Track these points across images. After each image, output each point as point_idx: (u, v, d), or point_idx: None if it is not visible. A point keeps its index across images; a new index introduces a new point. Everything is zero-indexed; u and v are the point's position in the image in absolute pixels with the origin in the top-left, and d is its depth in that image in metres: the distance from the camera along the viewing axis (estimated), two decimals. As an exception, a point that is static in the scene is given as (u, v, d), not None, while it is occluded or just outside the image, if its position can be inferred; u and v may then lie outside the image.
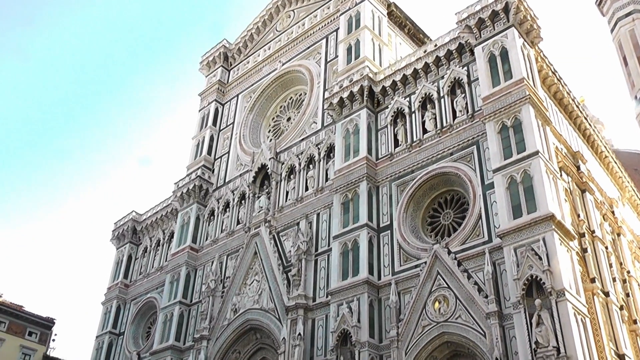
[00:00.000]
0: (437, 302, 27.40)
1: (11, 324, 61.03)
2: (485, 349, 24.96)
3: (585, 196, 31.86)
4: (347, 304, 29.87)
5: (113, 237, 53.10)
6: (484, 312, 25.49)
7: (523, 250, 24.64)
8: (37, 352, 62.24)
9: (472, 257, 27.55)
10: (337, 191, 34.12)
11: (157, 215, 50.22)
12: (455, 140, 31.43)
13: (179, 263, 43.09)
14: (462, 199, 30.78)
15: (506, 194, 26.60)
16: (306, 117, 41.87)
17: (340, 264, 31.64)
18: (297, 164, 39.67)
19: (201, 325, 38.17)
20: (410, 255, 30.15)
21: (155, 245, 49.55)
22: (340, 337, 29.40)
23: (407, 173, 32.65)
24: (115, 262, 51.96)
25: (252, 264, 37.80)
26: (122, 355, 46.36)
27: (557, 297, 23.20)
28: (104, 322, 49.21)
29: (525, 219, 25.33)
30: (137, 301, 48.00)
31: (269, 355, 35.73)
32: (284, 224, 37.91)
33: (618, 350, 28.06)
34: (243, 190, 42.69)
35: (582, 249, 28.70)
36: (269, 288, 35.74)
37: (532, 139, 27.13)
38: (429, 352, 27.05)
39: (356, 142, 35.07)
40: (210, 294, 38.93)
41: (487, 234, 27.72)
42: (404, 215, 31.53)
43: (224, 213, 43.59)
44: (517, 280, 24.15)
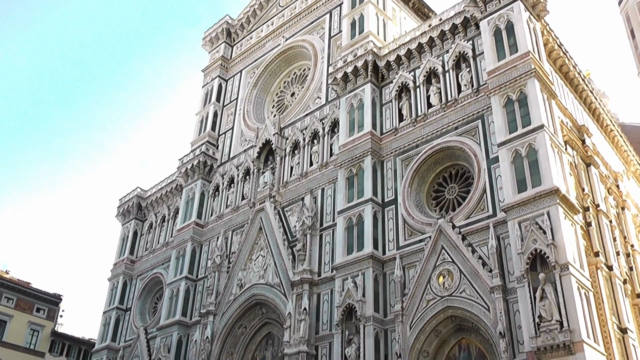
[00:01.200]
0: (441, 276, 27.53)
1: (19, 301, 61.75)
2: (489, 323, 25.14)
3: (590, 170, 31.83)
4: (352, 279, 30.07)
5: (118, 214, 53.36)
6: (488, 286, 25.63)
7: (527, 224, 24.66)
8: (45, 328, 63.09)
9: (477, 231, 27.63)
10: (341, 166, 34.15)
11: (161, 192, 50.38)
12: (460, 114, 31.34)
13: (184, 239, 43.36)
14: (466, 173, 30.79)
15: (511, 168, 26.56)
16: (310, 93, 41.75)
17: (345, 238, 31.79)
18: (301, 139, 39.66)
19: (207, 300, 38.50)
20: (414, 230, 30.27)
21: (160, 221, 49.79)
22: (346, 311, 29.64)
23: (412, 148, 32.63)
24: (120, 239, 52.26)
25: (257, 239, 38.01)
26: (129, 330, 46.88)
27: (561, 271, 23.27)
28: (110, 298, 49.64)
29: (530, 193, 25.32)
30: (143, 277, 48.38)
31: (275, 330, 36.12)
32: (289, 199, 38.05)
33: (620, 324, 28.26)
34: (247, 165, 42.77)
35: (586, 222, 28.72)
36: (274, 263, 35.98)
37: (537, 113, 27.02)
38: (434, 326, 27.28)
39: (360, 117, 35.01)
40: (216, 270, 39.22)
41: (492, 208, 27.78)
42: (409, 189, 31.57)
43: (228, 189, 43.72)
44: (521, 254, 24.23)
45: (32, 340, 61.90)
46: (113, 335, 47.46)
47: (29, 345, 61.47)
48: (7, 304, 60.89)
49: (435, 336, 27.46)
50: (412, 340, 27.20)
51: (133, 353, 43.30)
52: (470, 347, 27.25)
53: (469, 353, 27.23)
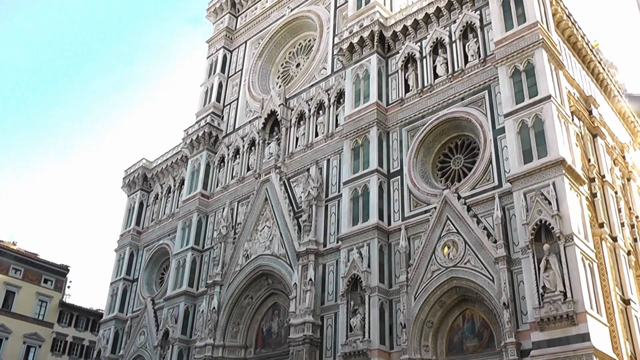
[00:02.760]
0: (446, 247, 27.60)
1: (27, 272, 62.30)
2: (493, 293, 25.26)
3: (596, 141, 31.65)
4: (357, 249, 30.22)
5: (124, 185, 53.53)
6: (492, 257, 25.70)
7: (533, 195, 24.61)
8: (53, 298, 63.75)
9: (482, 202, 27.64)
10: (347, 137, 34.08)
11: (167, 163, 50.44)
12: (466, 85, 31.13)
13: (190, 210, 43.54)
14: (472, 144, 30.70)
15: (517, 138, 26.43)
16: (315, 63, 41.51)
17: (351, 209, 31.87)
18: (306, 110, 39.54)
19: (213, 271, 38.79)
20: (420, 201, 30.30)
21: (166, 192, 49.94)
22: (351, 282, 29.82)
23: (418, 118, 32.51)
24: (127, 209, 52.51)
25: (262, 210, 38.12)
26: (136, 301, 47.35)
27: (566, 241, 23.27)
28: (117, 268, 50.06)
29: (536, 163, 25.23)
30: (149, 248, 48.71)
31: (281, 301, 36.43)
32: (294, 170, 38.08)
33: (624, 295, 28.31)
34: (253, 136, 42.73)
35: (591, 193, 28.65)
36: (280, 234, 36.14)
37: (544, 83, 26.78)
38: (438, 297, 27.43)
39: (366, 87, 34.82)
40: (222, 240, 39.42)
41: (497, 179, 27.75)
42: (414, 160, 31.53)
43: (234, 160, 43.75)
44: (526, 225, 24.23)
45: (40, 311, 62.61)
46: (120, 306, 47.96)
47: (37, 316, 62.20)
48: (15, 275, 61.45)
49: (440, 307, 27.62)
50: (416, 310, 27.38)
51: (141, 323, 43.85)
52: (474, 318, 27.42)
53: (472, 323, 27.40)
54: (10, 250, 62.15)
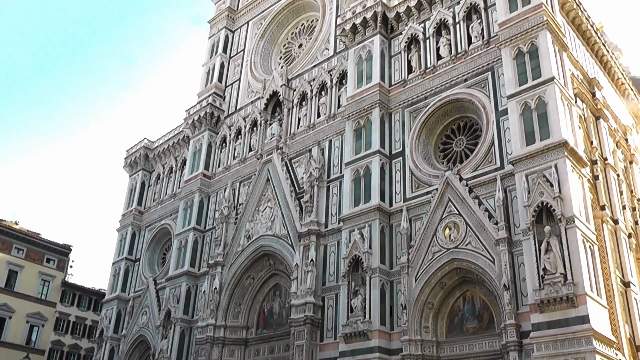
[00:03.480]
0: (447, 228, 27.63)
1: (29, 251, 62.58)
2: (494, 275, 25.33)
3: (599, 123, 31.54)
4: (359, 230, 30.27)
5: (126, 165, 53.51)
6: (493, 239, 25.74)
7: (534, 177, 24.56)
8: (56, 278, 64.12)
9: (484, 183, 27.62)
10: (349, 118, 33.99)
11: (168, 143, 50.38)
12: (469, 66, 30.97)
13: (192, 190, 43.60)
14: (475, 126, 30.60)
15: (520, 120, 26.32)
16: (318, 44, 41.30)
17: (352, 190, 31.88)
18: (309, 90, 39.40)
19: (215, 251, 38.89)
20: (421, 182, 30.30)
21: (167, 173, 49.96)
22: (352, 263, 29.90)
23: (420, 100, 32.39)
24: (128, 189, 52.54)
25: (264, 191, 38.13)
26: (138, 281, 47.57)
27: (567, 224, 23.26)
28: (119, 248, 50.21)
29: (538, 145, 25.15)
30: (151, 228, 48.83)
31: (282, 281, 36.57)
32: (296, 150, 38.05)
33: (624, 278, 28.39)
34: (255, 117, 42.64)
35: (593, 176, 28.58)
36: (282, 214, 36.19)
37: (548, 65, 26.60)
38: (439, 278, 27.52)
39: (369, 68, 34.64)
40: (223, 221, 39.49)
41: (499, 161, 27.71)
42: (416, 142, 31.47)
43: (235, 140, 43.71)
44: (527, 207, 24.21)
45: (43, 291, 63.01)
46: (123, 285, 48.15)
47: (40, 295, 62.61)
48: (18, 255, 61.75)
49: (440, 288, 27.72)
50: (417, 292, 27.47)
51: (143, 303, 44.08)
52: (474, 299, 27.52)
53: (473, 305, 27.51)
54: (12, 230, 62.35)
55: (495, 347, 25.28)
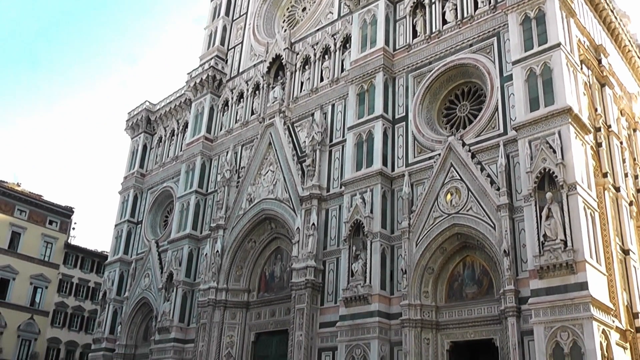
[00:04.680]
0: (449, 194, 27.63)
1: (31, 213, 62.79)
2: (494, 241, 25.41)
3: (604, 90, 31.25)
4: (361, 195, 30.30)
5: (127, 127, 53.33)
6: (495, 205, 25.76)
7: (538, 143, 24.44)
8: (59, 240, 64.44)
9: (487, 149, 27.55)
10: (352, 82, 33.73)
11: (170, 106, 50.07)
12: (475, 31, 30.61)
13: (193, 153, 43.55)
14: (479, 91, 30.38)
15: (524, 86, 26.09)
16: (322, 7, 40.78)
17: (355, 155, 31.81)
18: (312, 54, 39.04)
19: (217, 214, 39.01)
20: (424, 147, 30.23)
21: (169, 135, 49.83)
22: (353, 227, 29.98)
23: (425, 64, 32.10)
24: (130, 152, 52.49)
25: (266, 155, 38.08)
26: (140, 243, 47.82)
27: (569, 190, 23.23)
28: (121, 211, 50.36)
29: (542, 111, 24.97)
30: (153, 190, 48.91)
31: (284, 245, 36.74)
32: (299, 114, 37.89)
33: (623, 245, 28.44)
34: (257, 80, 42.35)
35: (596, 143, 28.45)
36: (284, 178, 36.20)
37: (554, 31, 26.24)
38: (439, 243, 27.63)
39: (373, 32, 34.23)
40: (225, 184, 39.54)
41: (503, 127, 27.58)
42: (420, 107, 31.29)
43: (238, 103, 43.51)
44: (529, 173, 24.15)
45: (46, 252, 63.39)
46: (125, 248, 48.41)
47: (43, 257, 63.02)
48: (20, 216, 61.97)
49: (441, 253, 27.86)
50: (417, 256, 27.62)
51: (145, 266, 44.39)
52: (474, 265, 27.66)
53: (472, 270, 27.67)
54: (14, 192, 62.46)
55: (494, 312, 25.49)
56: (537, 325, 22.40)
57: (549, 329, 22.02)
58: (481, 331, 26.07)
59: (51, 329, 62.06)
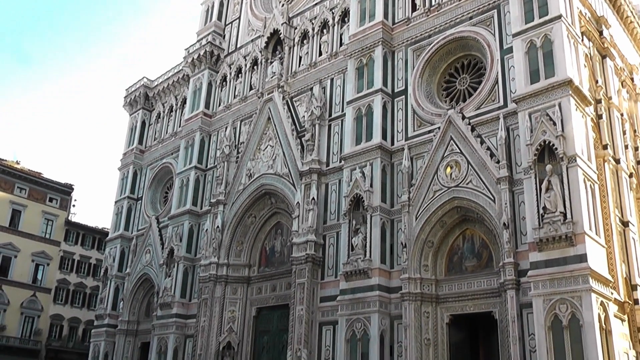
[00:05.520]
0: (449, 167, 27.60)
1: (31, 191, 62.92)
2: (494, 213, 25.44)
3: (605, 62, 30.98)
4: (360, 169, 30.27)
5: (125, 104, 53.13)
6: (494, 177, 25.73)
7: (538, 115, 24.30)
8: (59, 217, 64.69)
9: (486, 122, 27.45)
10: (351, 56, 33.50)
11: (168, 82, 49.81)
12: (475, 4, 30.26)
13: (192, 129, 43.44)
14: (479, 64, 30.19)
15: (525, 58, 25.85)
16: (320, -19, 40.28)
17: (354, 129, 31.72)
18: (310, 28, 38.72)
19: (217, 190, 39.02)
20: (424, 121, 30.12)
21: (168, 111, 49.64)
22: (353, 201, 30.01)
23: (424, 38, 31.85)
24: (129, 128, 52.35)
25: (265, 130, 37.97)
26: (141, 219, 47.92)
27: (569, 162, 23.15)
28: (121, 187, 50.38)
29: (543, 83, 24.78)
30: (153, 166, 48.88)
31: (284, 220, 36.80)
32: (298, 89, 37.70)
33: (623, 217, 28.46)
34: (255, 55, 42.07)
35: (597, 115, 28.29)
36: (283, 153, 36.14)
37: (555, 3, 25.87)
38: (439, 216, 27.66)
39: (372, 6, 33.87)
40: (225, 159, 39.49)
41: (503, 99, 27.46)
42: (419, 80, 31.12)
43: (236, 79, 43.27)
44: (529, 146, 24.05)
45: (47, 230, 63.69)
46: (126, 224, 48.53)
47: (44, 234, 63.32)
48: (21, 194, 62.13)
49: (440, 227, 27.91)
50: (417, 230, 27.68)
51: (146, 242, 44.53)
52: (474, 238, 27.74)
53: (472, 244, 27.75)
54: (14, 169, 62.55)
55: (493, 285, 25.64)
56: (536, 297, 22.48)
57: (548, 302, 22.11)
58: (480, 304, 26.22)
59: (54, 305, 62.58)
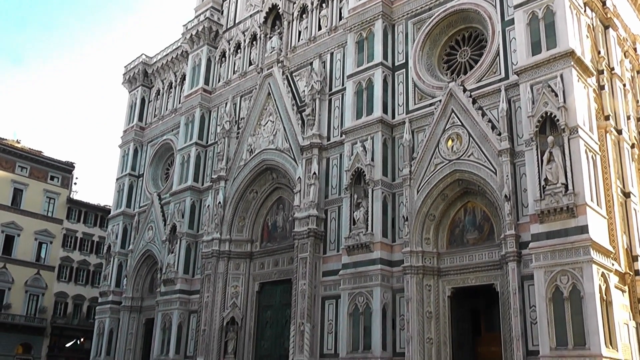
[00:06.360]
0: (450, 140, 27.53)
1: (32, 169, 62.94)
2: (495, 186, 25.43)
3: (608, 32, 30.69)
4: (361, 143, 30.20)
5: (124, 81, 52.84)
6: (496, 150, 25.68)
7: (539, 87, 24.14)
8: (61, 195, 64.81)
9: (488, 94, 27.29)
10: (351, 30, 33.21)
11: (167, 58, 49.46)
12: (476, -25, 29.91)
13: (192, 105, 43.26)
14: (480, 36, 29.94)
15: (526, 30, 25.59)
16: (318, -47, 39.76)
17: (355, 103, 31.59)
18: (309, 3, 38.29)
19: (218, 166, 39.01)
20: (425, 94, 29.96)
21: (167, 88, 49.37)
22: (354, 175, 30.00)
23: (425, 10, 31.52)
24: (128, 105, 52.11)
25: (266, 105, 37.81)
26: (142, 196, 47.99)
27: (570, 134, 23.04)
28: (122, 164, 50.36)
29: (544, 55, 24.57)
30: (153, 143, 48.78)
31: (285, 195, 36.85)
32: (297, 64, 37.43)
33: (624, 188, 28.46)
34: (254, 31, 41.72)
35: (599, 86, 28.12)
36: (284, 128, 36.03)
37: (557, -27, 25.66)
38: (441, 190, 27.65)
39: (371, -22, 33.51)
40: (225, 135, 39.40)
41: (504, 71, 27.27)
42: (420, 53, 30.88)
43: (235, 54, 42.96)
44: (531, 117, 23.94)
45: (49, 208, 63.85)
46: (127, 201, 48.58)
47: (46, 213, 63.49)
48: (22, 173, 62.16)
49: (442, 200, 27.92)
50: (419, 203, 27.70)
51: (148, 218, 44.66)
52: (475, 210, 27.76)
53: (474, 216, 27.78)
54: (14, 149, 62.50)
55: (495, 257, 25.72)
56: (537, 269, 22.57)
57: (549, 273, 22.19)
58: (482, 277, 26.33)
59: (58, 283, 63.01)
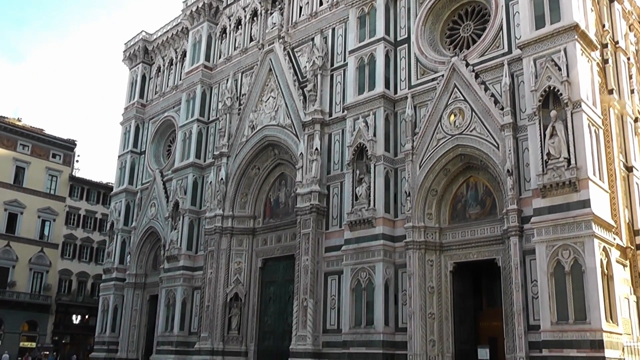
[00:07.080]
0: (452, 115, 27.42)
1: (34, 147, 62.90)
2: (498, 160, 25.38)
3: (613, 5, 30.40)
4: (363, 118, 30.14)
5: (125, 58, 52.57)
6: (498, 124, 25.59)
7: (543, 61, 23.95)
8: (63, 173, 64.84)
9: (491, 69, 27.12)
10: (352, 5, 32.95)
11: (167, 35, 49.16)
12: (479, -52, 29.58)
13: (193, 81, 43.09)
14: (483, 11, 29.65)
15: (530, 3, 25.28)
16: None
17: (357, 78, 31.45)
18: (310, -23, 37.95)
19: (220, 142, 38.98)
20: (427, 69, 29.79)
21: (168, 65, 49.13)
22: (357, 151, 29.98)
23: (427, -16, 31.20)
24: (129, 83, 51.95)
25: (267, 81, 37.64)
26: (145, 173, 48.07)
27: (573, 108, 22.92)
28: (124, 142, 50.39)
29: (548, 29, 24.34)
30: (155, 120, 48.69)
31: (287, 171, 36.87)
32: (299, 39, 37.19)
33: (627, 162, 28.50)
34: (255, 6, 41.36)
35: (603, 59, 27.93)
36: (285, 104, 35.92)
37: (561, -55, 25.31)
38: (443, 164, 27.64)
39: (373, -48, 33.11)
40: (227, 112, 39.29)
41: (507, 46, 27.07)
42: (422, 28, 30.64)
43: (236, 31, 42.65)
44: (534, 92, 23.79)
45: (51, 186, 63.92)
46: (130, 178, 48.72)
47: (49, 191, 63.59)
48: (24, 151, 62.12)
49: (444, 175, 27.91)
50: (421, 179, 27.71)
51: (151, 195, 44.76)
52: (477, 185, 27.75)
53: (476, 191, 27.78)
54: (16, 127, 62.41)
55: (497, 232, 25.76)
56: (539, 244, 22.63)
57: (551, 248, 22.25)
58: (484, 251, 26.41)
59: (61, 260, 63.34)
